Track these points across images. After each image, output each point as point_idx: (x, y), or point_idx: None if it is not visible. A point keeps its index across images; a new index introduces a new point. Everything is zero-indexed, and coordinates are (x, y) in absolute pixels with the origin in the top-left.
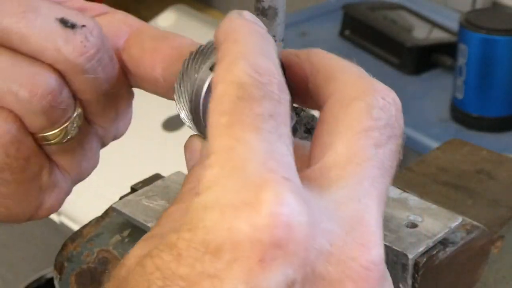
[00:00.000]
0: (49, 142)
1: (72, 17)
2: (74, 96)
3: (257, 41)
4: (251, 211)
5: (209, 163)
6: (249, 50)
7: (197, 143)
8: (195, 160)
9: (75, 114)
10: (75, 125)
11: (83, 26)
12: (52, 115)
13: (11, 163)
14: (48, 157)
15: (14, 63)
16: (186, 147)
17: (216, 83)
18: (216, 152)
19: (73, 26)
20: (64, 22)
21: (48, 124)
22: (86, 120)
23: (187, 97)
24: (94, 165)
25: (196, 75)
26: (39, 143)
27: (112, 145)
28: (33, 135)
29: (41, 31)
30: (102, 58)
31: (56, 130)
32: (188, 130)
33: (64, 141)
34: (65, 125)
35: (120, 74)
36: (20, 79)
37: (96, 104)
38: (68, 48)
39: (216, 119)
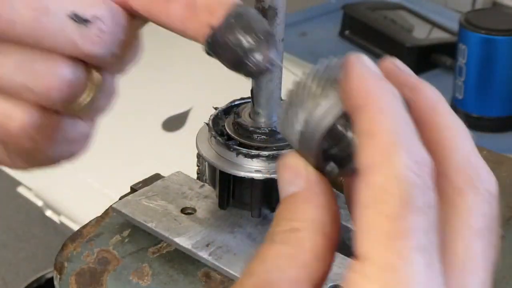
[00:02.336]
0: (75, 111)
1: (83, 9)
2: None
3: (403, 114)
4: None
5: (366, 273)
6: (404, 130)
7: (301, 164)
8: (297, 185)
9: (94, 80)
10: (94, 88)
11: (96, 18)
12: (72, 98)
13: (37, 141)
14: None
15: (28, 59)
16: (285, 165)
17: (373, 169)
18: (376, 263)
19: (85, 20)
20: (76, 18)
21: (69, 104)
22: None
23: (297, 121)
24: (112, 95)
25: (313, 108)
26: (64, 114)
27: (112, 145)
28: (56, 112)
29: (54, 31)
30: (118, 37)
31: (79, 101)
32: (188, 130)
33: (87, 104)
34: (85, 94)
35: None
36: (35, 75)
37: (111, 63)
38: (84, 42)
39: (375, 220)
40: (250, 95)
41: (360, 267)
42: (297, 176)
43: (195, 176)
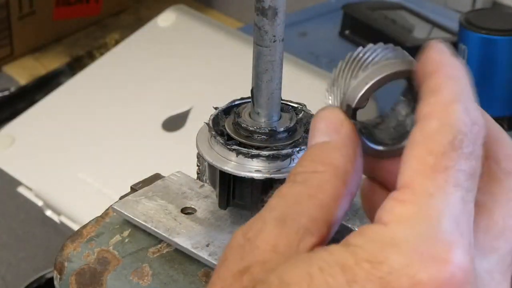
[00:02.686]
0: None
1: None
2: None
3: (468, 85)
4: (438, 268)
5: (404, 198)
6: (466, 94)
7: (339, 117)
8: (330, 136)
9: None
10: None
11: None
12: None
13: None
14: None
15: None
16: (323, 116)
17: (430, 116)
18: (414, 190)
19: None
20: None
21: None
22: None
23: (340, 94)
24: None
25: (352, 81)
26: None
27: (112, 145)
28: None
29: None
30: None
31: None
32: (188, 130)
33: None
34: None
35: None
36: None
37: None
38: None
39: (422, 154)
40: (250, 95)
41: (399, 194)
42: (333, 128)
43: (195, 176)
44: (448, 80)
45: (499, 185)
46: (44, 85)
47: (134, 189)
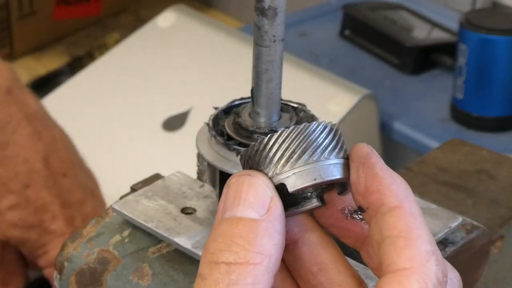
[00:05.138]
0: None
1: None
2: None
3: (426, 225)
4: None
5: None
6: (430, 236)
7: (269, 192)
8: (259, 213)
9: None
10: None
11: None
12: None
13: None
14: None
15: None
16: (251, 184)
17: (409, 275)
18: None
19: None
20: None
21: None
22: None
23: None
24: None
25: (274, 169)
26: None
27: (112, 145)
28: None
29: None
30: None
31: None
32: (188, 130)
33: None
34: None
35: None
36: None
37: None
38: None
39: None
40: (250, 95)
41: None
42: (262, 203)
43: (195, 176)
44: (418, 224)
45: None
46: (44, 85)
47: (134, 189)
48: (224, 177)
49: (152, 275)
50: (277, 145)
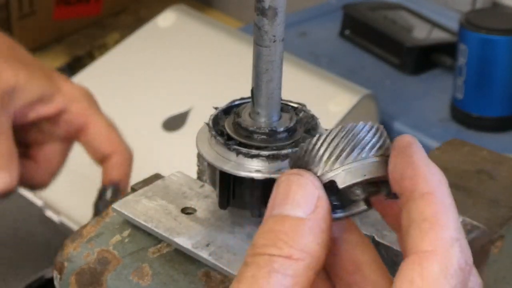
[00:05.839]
0: None
1: None
2: None
3: (457, 216)
4: None
5: None
6: (459, 227)
7: (317, 192)
8: (305, 211)
9: None
10: None
11: None
12: None
13: None
14: None
15: None
16: (300, 184)
17: (431, 257)
18: None
19: None
20: None
21: None
22: None
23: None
24: None
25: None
26: None
27: None
28: None
29: None
30: None
31: None
32: (188, 130)
33: None
34: None
35: None
36: None
37: None
38: None
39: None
40: (250, 95)
41: None
42: (310, 203)
43: (195, 176)
44: (445, 211)
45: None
46: None
47: (134, 189)
48: (224, 177)
49: (152, 275)
50: (325, 144)
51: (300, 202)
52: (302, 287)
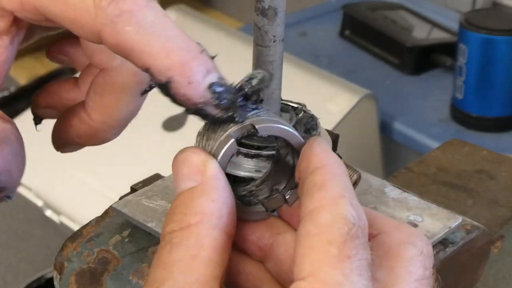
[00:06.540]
0: None
1: None
2: None
3: (350, 183)
4: None
5: (308, 286)
6: (349, 191)
7: (201, 157)
8: (195, 180)
9: None
10: None
11: None
12: None
13: None
14: None
15: None
16: (184, 160)
17: (320, 210)
18: (323, 280)
19: None
20: None
21: None
22: None
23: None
24: None
25: (217, 137)
26: None
27: (112, 145)
28: None
29: None
30: None
31: None
32: (188, 130)
33: None
34: None
35: None
36: None
37: None
38: None
39: (323, 245)
40: None
41: (306, 284)
42: (196, 170)
43: None
44: (333, 176)
45: (397, 258)
46: (44, 85)
47: (134, 189)
48: None
49: None
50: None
51: (186, 174)
52: (211, 249)
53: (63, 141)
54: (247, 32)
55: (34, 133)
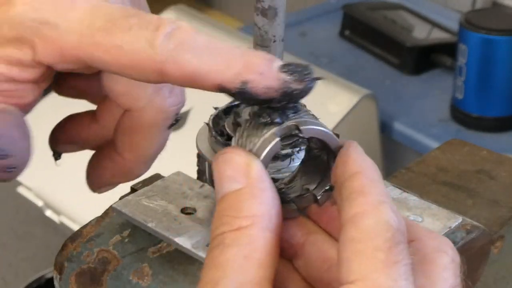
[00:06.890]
0: None
1: None
2: None
3: (385, 188)
4: None
5: None
6: (388, 196)
7: (245, 158)
8: (240, 182)
9: None
10: None
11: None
12: None
13: None
14: None
15: None
16: (227, 161)
17: (363, 215)
18: (371, 284)
19: None
20: None
21: None
22: None
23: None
24: None
25: (261, 135)
26: None
27: None
28: None
29: None
30: None
31: None
32: (188, 130)
33: None
34: None
35: None
36: None
37: None
38: None
39: (369, 250)
40: None
41: (348, 284)
42: (239, 172)
43: (195, 176)
44: (371, 182)
45: (432, 265)
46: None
47: (134, 189)
48: None
49: (152, 275)
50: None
51: (231, 175)
52: (263, 250)
53: (100, 183)
54: (247, 32)
55: (34, 133)
